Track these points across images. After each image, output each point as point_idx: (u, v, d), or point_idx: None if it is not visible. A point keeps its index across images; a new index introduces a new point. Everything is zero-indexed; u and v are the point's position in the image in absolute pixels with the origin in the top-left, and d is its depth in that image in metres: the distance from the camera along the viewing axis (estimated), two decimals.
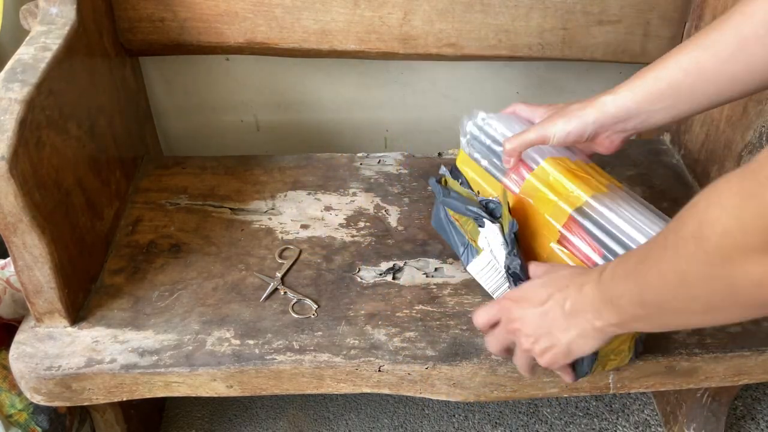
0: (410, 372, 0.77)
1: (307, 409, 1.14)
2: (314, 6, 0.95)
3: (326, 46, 0.99)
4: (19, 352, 0.76)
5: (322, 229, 0.93)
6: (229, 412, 1.13)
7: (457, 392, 0.79)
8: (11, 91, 0.69)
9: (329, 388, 0.79)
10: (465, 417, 1.13)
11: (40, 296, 0.75)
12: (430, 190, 1.00)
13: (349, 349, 0.77)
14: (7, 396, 0.86)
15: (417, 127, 1.23)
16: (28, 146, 0.68)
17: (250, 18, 0.96)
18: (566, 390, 0.79)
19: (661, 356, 0.78)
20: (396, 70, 1.15)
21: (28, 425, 0.87)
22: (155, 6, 0.94)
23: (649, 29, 1.01)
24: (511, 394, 0.80)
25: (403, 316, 0.81)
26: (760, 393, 1.18)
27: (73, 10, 0.82)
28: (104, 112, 0.89)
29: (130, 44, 0.97)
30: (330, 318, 0.81)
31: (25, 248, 0.71)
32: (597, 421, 1.13)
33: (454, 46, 1.00)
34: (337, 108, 1.20)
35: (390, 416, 1.13)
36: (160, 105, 1.17)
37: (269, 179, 1.01)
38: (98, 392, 0.77)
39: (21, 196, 0.67)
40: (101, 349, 0.77)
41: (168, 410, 1.13)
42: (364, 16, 0.96)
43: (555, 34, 1.00)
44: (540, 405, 1.15)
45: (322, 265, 0.88)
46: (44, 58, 0.75)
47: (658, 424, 1.12)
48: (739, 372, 0.80)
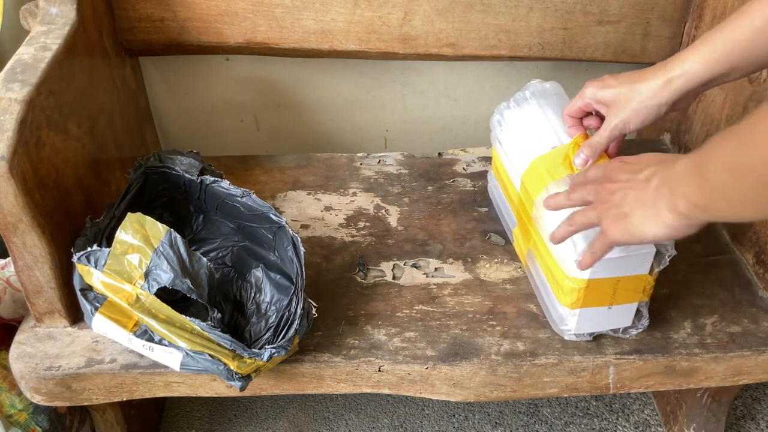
0: (410, 372, 0.77)
1: (307, 409, 1.14)
2: (314, 6, 0.95)
3: (326, 46, 0.99)
4: (19, 352, 0.76)
5: (322, 229, 0.93)
6: (229, 412, 1.13)
7: (457, 392, 0.79)
8: (11, 91, 0.69)
9: (329, 388, 0.79)
10: (465, 417, 1.13)
11: (40, 296, 0.75)
12: (429, 189, 1.00)
13: (349, 349, 0.77)
14: (7, 396, 0.86)
15: (417, 127, 1.23)
16: (28, 146, 0.68)
17: (250, 18, 0.96)
18: (566, 390, 0.80)
19: (661, 356, 0.78)
20: (396, 70, 1.15)
21: (28, 425, 0.87)
22: (155, 6, 0.94)
23: (649, 29, 1.01)
24: (511, 394, 0.80)
25: (403, 316, 0.81)
26: (760, 393, 1.18)
27: (73, 10, 0.82)
28: (104, 112, 0.89)
29: (130, 44, 0.97)
30: (330, 318, 0.81)
31: (25, 248, 0.71)
32: (597, 421, 1.13)
33: (454, 46, 1.00)
34: (337, 108, 1.20)
35: (390, 416, 1.13)
36: (160, 105, 1.17)
37: (269, 179, 1.01)
38: (98, 392, 0.77)
39: (21, 196, 0.67)
40: (101, 349, 0.77)
41: (168, 410, 1.13)
42: (364, 16, 0.96)
43: (555, 34, 1.00)
44: (540, 405, 1.15)
45: (322, 265, 0.88)
46: (44, 58, 0.75)
47: (658, 424, 1.12)
48: (739, 372, 0.80)
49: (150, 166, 0.83)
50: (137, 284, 0.69)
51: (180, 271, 0.70)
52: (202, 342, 0.69)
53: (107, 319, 0.72)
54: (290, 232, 0.76)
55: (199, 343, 0.69)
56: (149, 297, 0.69)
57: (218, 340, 0.69)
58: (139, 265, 0.70)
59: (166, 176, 0.83)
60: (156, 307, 0.70)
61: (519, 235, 0.86)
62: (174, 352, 0.71)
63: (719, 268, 0.89)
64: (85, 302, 0.73)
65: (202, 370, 0.71)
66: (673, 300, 0.84)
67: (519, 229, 0.86)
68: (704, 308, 0.83)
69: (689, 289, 0.86)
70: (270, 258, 0.82)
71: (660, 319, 0.81)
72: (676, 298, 0.84)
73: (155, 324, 0.70)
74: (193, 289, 0.70)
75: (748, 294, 0.85)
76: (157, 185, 0.84)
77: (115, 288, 0.70)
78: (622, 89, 0.71)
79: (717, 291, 0.86)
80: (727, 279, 0.87)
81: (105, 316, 0.72)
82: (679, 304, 0.84)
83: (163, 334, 0.70)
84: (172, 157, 0.83)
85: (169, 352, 0.71)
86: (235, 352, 0.69)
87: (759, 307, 0.84)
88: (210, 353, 0.69)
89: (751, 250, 0.88)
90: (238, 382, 0.70)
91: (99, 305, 0.72)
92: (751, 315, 0.82)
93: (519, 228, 0.86)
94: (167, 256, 0.70)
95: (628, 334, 0.78)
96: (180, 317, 0.69)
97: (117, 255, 0.70)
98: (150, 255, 0.70)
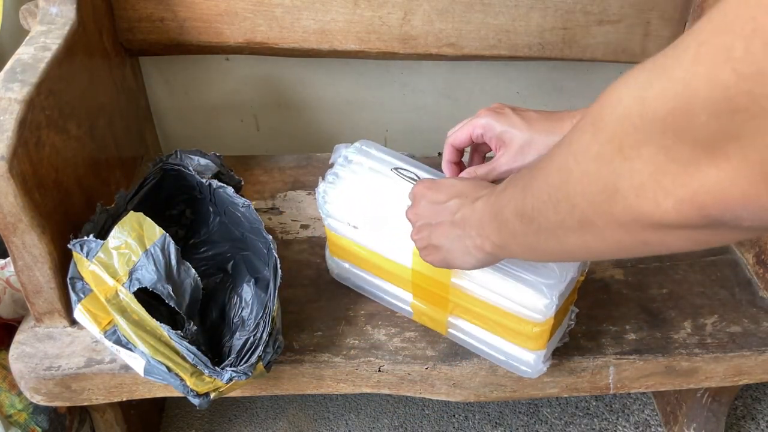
0: (410, 372, 0.77)
1: (307, 409, 1.14)
2: (314, 6, 0.95)
3: (326, 46, 0.99)
4: (19, 352, 0.76)
5: (322, 229, 0.93)
6: (229, 412, 1.13)
7: (457, 392, 0.79)
8: (11, 91, 0.69)
9: (329, 388, 0.79)
10: (465, 417, 1.13)
11: (40, 296, 0.75)
12: None
13: (349, 349, 0.77)
14: (6, 396, 0.86)
15: (417, 127, 1.23)
16: (28, 146, 0.68)
17: (249, 18, 0.96)
18: (566, 390, 0.80)
19: (661, 356, 0.78)
20: (396, 70, 1.15)
21: (27, 425, 0.87)
22: (155, 6, 0.94)
23: (649, 29, 1.01)
24: (511, 395, 0.80)
25: (403, 316, 0.81)
26: (760, 393, 1.18)
27: (72, 10, 0.82)
28: (104, 112, 0.89)
29: (129, 44, 0.97)
30: (330, 318, 0.81)
31: (25, 248, 0.71)
32: (597, 421, 1.13)
33: (454, 46, 1.00)
34: (337, 108, 1.20)
35: (390, 416, 1.13)
36: (160, 105, 1.17)
37: (269, 179, 1.01)
38: (98, 392, 0.77)
39: (21, 196, 0.67)
40: (101, 349, 0.77)
41: (168, 410, 1.13)
42: (364, 16, 0.96)
43: (555, 34, 1.00)
44: (540, 405, 1.15)
45: (322, 265, 0.88)
46: (44, 58, 0.75)
47: (658, 424, 1.12)
48: (739, 372, 0.80)
49: (168, 162, 0.83)
50: (120, 281, 0.69)
51: (164, 276, 0.69)
52: (165, 351, 0.68)
53: (86, 313, 0.72)
54: (274, 253, 0.74)
55: (162, 352, 0.68)
56: (128, 295, 0.69)
57: (183, 351, 0.67)
58: (127, 262, 0.70)
59: (183, 175, 0.83)
60: (132, 306, 0.69)
61: (423, 307, 0.77)
62: (137, 358, 0.70)
63: (719, 268, 0.89)
64: (71, 292, 0.73)
65: (163, 380, 0.69)
66: (673, 300, 0.84)
67: (424, 301, 0.76)
68: (704, 308, 0.83)
69: (689, 289, 0.86)
70: (264, 273, 0.81)
71: (660, 319, 0.81)
72: (676, 298, 0.84)
73: (124, 324, 0.68)
74: (172, 296, 0.69)
75: (748, 294, 0.85)
76: (177, 182, 0.84)
77: (99, 280, 0.70)
78: (532, 135, 0.64)
79: (717, 291, 0.86)
80: (727, 279, 0.87)
81: (85, 309, 0.72)
82: (679, 304, 0.84)
83: (128, 335, 0.68)
84: (191, 156, 0.84)
85: (134, 357, 0.70)
86: (196, 368, 0.67)
87: (759, 307, 0.84)
88: (168, 365, 0.68)
89: (751, 250, 0.88)
90: (196, 399, 0.69)
91: (83, 297, 0.72)
92: (751, 315, 0.82)
93: (424, 300, 0.76)
94: (156, 259, 0.70)
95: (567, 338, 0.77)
96: (151, 321, 0.68)
97: (109, 249, 0.70)
98: (140, 255, 0.70)
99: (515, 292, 0.66)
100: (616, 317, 0.82)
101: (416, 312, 0.79)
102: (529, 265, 0.67)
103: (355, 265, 0.80)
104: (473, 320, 0.73)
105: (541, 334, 0.68)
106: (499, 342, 0.73)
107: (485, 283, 0.68)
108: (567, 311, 0.73)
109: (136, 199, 0.80)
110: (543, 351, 0.71)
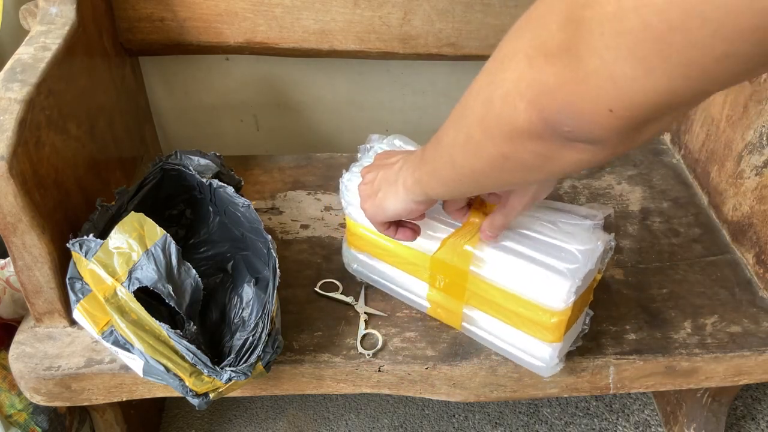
0: (410, 372, 0.77)
1: (307, 409, 1.14)
2: (314, 6, 0.95)
3: (326, 46, 0.99)
4: (19, 352, 0.76)
5: (322, 229, 0.93)
6: (228, 412, 1.13)
7: (457, 392, 0.79)
8: (11, 91, 0.69)
9: (329, 388, 0.79)
10: (465, 417, 1.13)
11: (40, 296, 0.75)
12: None
13: (349, 349, 0.77)
14: (6, 396, 0.86)
15: (417, 127, 1.23)
16: (27, 146, 0.68)
17: (249, 18, 0.96)
18: (566, 390, 0.79)
19: (661, 356, 0.78)
20: (396, 70, 1.15)
21: (27, 425, 0.87)
22: (155, 6, 0.94)
23: None
24: (511, 394, 0.80)
25: (403, 316, 0.81)
26: (760, 393, 1.17)
27: (72, 10, 0.82)
28: (104, 112, 0.89)
29: (129, 44, 0.97)
30: (330, 318, 0.81)
31: (25, 248, 0.71)
32: (597, 421, 1.13)
33: (454, 46, 1.00)
34: (337, 108, 1.20)
35: (390, 416, 1.13)
36: (160, 105, 1.17)
37: (269, 179, 1.01)
38: (98, 392, 0.77)
39: (21, 196, 0.67)
40: (101, 349, 0.77)
41: (168, 410, 1.13)
42: (364, 16, 0.96)
43: None
44: (540, 405, 1.15)
45: (322, 265, 0.88)
46: (44, 58, 0.75)
47: (658, 424, 1.12)
48: (739, 372, 0.80)
49: (168, 162, 0.83)
50: (119, 279, 0.69)
51: (165, 276, 0.69)
52: (164, 351, 0.67)
53: (85, 313, 0.72)
54: (273, 254, 0.74)
55: (160, 352, 0.67)
56: (126, 293, 0.68)
57: (182, 351, 0.67)
58: (127, 262, 0.69)
59: (183, 174, 0.83)
60: (130, 305, 0.69)
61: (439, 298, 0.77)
62: (136, 359, 0.69)
63: (719, 268, 0.89)
64: (70, 292, 0.73)
65: (161, 380, 0.69)
66: (673, 300, 0.84)
67: (440, 291, 0.76)
68: (704, 308, 0.83)
69: (689, 289, 0.86)
70: (264, 273, 0.81)
71: (660, 319, 0.81)
72: (676, 298, 0.84)
73: (122, 323, 0.68)
74: (173, 296, 0.69)
75: (748, 294, 0.85)
76: (177, 182, 0.84)
77: (98, 279, 0.70)
78: None
79: (717, 291, 0.86)
80: (727, 279, 0.87)
81: (83, 309, 0.72)
82: (679, 304, 0.83)
83: (126, 335, 0.68)
84: (191, 156, 0.84)
85: (132, 358, 0.70)
86: (195, 368, 0.67)
87: (759, 307, 0.84)
88: (167, 365, 0.67)
89: (751, 250, 0.88)
90: (195, 399, 0.69)
91: (82, 297, 0.72)
92: (751, 315, 0.82)
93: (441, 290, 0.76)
94: (156, 259, 0.70)
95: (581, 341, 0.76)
96: (150, 320, 0.68)
97: (109, 249, 0.70)
98: (141, 254, 0.69)
99: (536, 277, 0.66)
100: (616, 317, 0.82)
101: (432, 304, 0.79)
102: (552, 250, 0.67)
103: (372, 255, 0.80)
104: (490, 311, 0.73)
105: (558, 325, 0.68)
106: (515, 335, 0.73)
107: (506, 269, 0.68)
108: (583, 309, 0.73)
109: (136, 199, 0.80)
110: (559, 345, 0.70)
